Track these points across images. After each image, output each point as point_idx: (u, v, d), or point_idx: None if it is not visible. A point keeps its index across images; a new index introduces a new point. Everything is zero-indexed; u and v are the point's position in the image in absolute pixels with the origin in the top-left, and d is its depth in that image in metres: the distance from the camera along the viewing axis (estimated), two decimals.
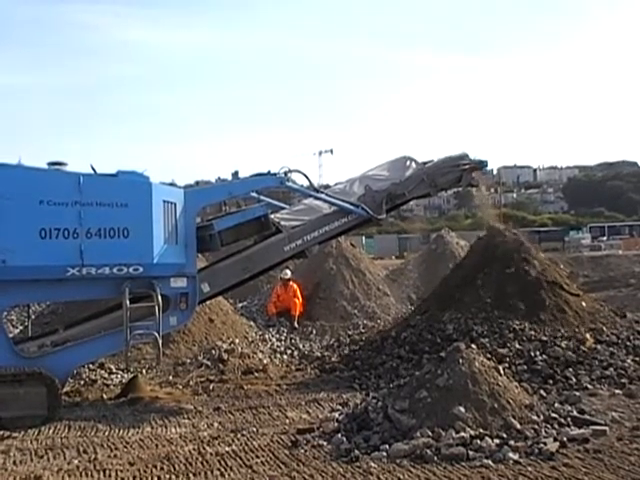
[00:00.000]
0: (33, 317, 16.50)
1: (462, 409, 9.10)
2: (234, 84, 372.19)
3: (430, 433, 8.90)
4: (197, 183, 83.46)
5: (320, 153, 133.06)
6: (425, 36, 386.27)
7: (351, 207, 14.26)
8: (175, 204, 12.29)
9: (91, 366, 14.65)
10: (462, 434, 8.79)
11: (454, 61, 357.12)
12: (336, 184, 16.40)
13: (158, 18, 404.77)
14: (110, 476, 8.46)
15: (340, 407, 11.54)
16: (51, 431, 10.72)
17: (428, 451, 8.60)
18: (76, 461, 9.07)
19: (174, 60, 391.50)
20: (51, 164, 11.74)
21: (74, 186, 11.27)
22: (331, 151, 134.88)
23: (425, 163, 15.53)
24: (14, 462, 9.16)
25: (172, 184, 19.27)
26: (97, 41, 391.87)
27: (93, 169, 11.94)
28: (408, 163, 15.37)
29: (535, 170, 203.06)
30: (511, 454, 8.44)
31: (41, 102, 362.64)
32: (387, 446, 8.87)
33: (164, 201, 12.04)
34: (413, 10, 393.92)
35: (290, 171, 13.77)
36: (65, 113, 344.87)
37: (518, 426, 9.08)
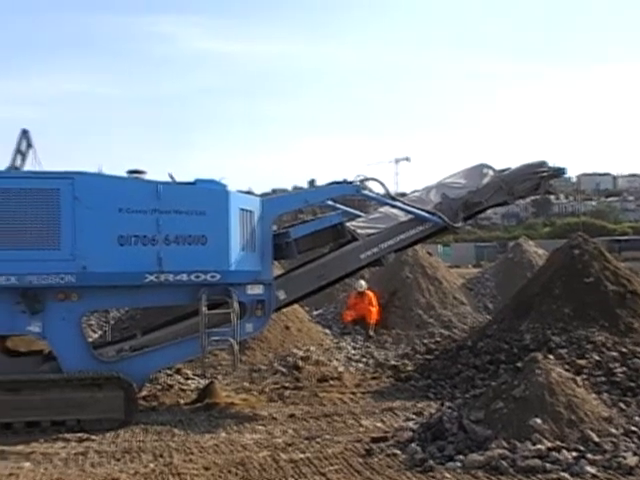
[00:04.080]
0: (112, 322, 16.79)
1: (538, 420, 8.96)
2: (311, 93, 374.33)
3: (506, 444, 8.78)
4: (274, 191, 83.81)
5: (397, 161, 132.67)
6: (506, 44, 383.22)
7: (427, 215, 14.16)
8: (252, 212, 12.39)
9: (168, 371, 14.85)
10: (538, 446, 8.64)
11: (533, 69, 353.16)
12: (413, 192, 16.34)
13: (237, 28, 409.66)
14: None
15: (415, 416, 11.48)
16: (128, 434, 10.89)
17: (503, 462, 8.48)
18: (152, 465, 9.20)
19: (251, 70, 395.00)
20: (130, 172, 11.95)
21: (153, 194, 11.47)
22: (408, 159, 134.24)
23: (502, 171, 15.35)
24: (92, 464, 9.35)
25: (249, 192, 19.43)
26: (176, 52, 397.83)
27: (172, 177, 12.13)
28: (485, 171, 15.21)
29: (615, 177, 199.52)
30: (588, 467, 8.26)
31: (122, 111, 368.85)
32: (462, 456, 8.78)
33: (241, 209, 12.14)
34: (493, 18, 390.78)
35: (366, 179, 13.79)
36: (146, 122, 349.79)
37: (596, 439, 8.89)
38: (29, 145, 12.36)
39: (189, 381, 14.73)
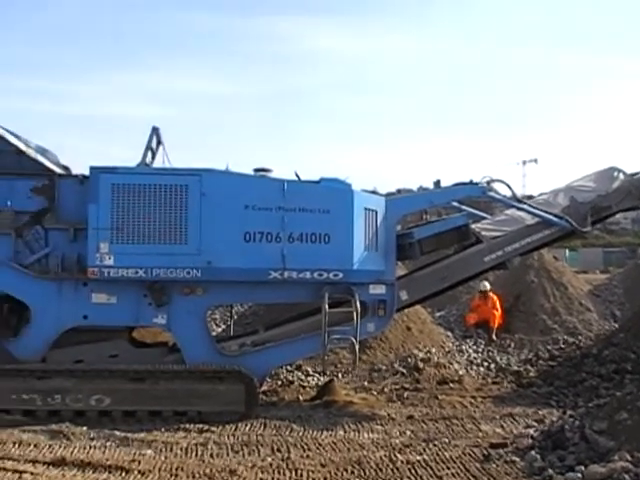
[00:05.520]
0: (235, 317, 17.05)
1: None
2: (436, 92, 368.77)
3: (629, 457, 8.49)
4: (399, 191, 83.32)
5: (524, 163, 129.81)
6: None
7: (554, 219, 13.84)
8: (376, 212, 12.39)
9: (289, 367, 15.02)
10: None
11: None
12: (540, 195, 16.04)
13: (348, 26, 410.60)
14: (302, 476, 8.65)
15: (535, 423, 11.29)
16: (247, 428, 11.08)
17: (626, 476, 8.19)
18: (270, 459, 9.34)
19: (368, 67, 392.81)
20: (257, 170, 12.12)
21: (278, 192, 11.61)
22: (535, 160, 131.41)
23: (634, 174, 14.90)
24: (211, 455, 9.56)
25: (374, 192, 19.44)
26: (290, 50, 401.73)
27: (297, 176, 12.26)
28: (615, 174, 14.78)
29: None
30: None
31: (244, 110, 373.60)
32: (582, 467, 8.51)
33: (365, 208, 12.16)
34: (620, 11, 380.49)
35: (492, 181, 13.58)
36: (265, 120, 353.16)
37: None
38: (159, 142, 12.68)
39: (309, 378, 14.86)
